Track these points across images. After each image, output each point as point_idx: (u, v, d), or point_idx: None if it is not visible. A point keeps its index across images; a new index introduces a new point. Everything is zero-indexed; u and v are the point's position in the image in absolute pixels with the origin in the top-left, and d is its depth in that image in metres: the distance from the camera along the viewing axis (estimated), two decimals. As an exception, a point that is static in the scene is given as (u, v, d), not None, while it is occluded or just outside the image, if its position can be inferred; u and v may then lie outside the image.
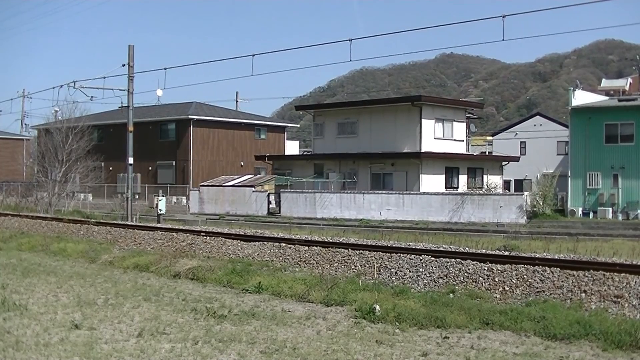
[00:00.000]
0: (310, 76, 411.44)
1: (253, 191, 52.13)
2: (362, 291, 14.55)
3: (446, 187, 49.94)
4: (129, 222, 33.61)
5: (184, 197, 59.27)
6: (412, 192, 46.69)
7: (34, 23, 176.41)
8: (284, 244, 20.67)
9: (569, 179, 47.44)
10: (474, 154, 60.16)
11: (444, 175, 50.48)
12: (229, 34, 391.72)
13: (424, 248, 18.47)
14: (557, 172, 53.91)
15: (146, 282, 17.42)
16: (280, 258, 19.54)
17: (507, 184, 62.15)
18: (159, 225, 30.76)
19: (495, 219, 42.04)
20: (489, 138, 79.89)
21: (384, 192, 47.69)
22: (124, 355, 10.11)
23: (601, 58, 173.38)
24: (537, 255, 16.79)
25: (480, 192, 47.98)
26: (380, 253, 17.83)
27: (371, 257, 17.69)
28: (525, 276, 14.55)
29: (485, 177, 53.46)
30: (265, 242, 21.36)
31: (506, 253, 18.16)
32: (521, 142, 67.45)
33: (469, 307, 12.87)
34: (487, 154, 68.22)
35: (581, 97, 49.14)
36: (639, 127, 44.96)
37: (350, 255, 18.20)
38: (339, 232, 31.41)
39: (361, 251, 18.35)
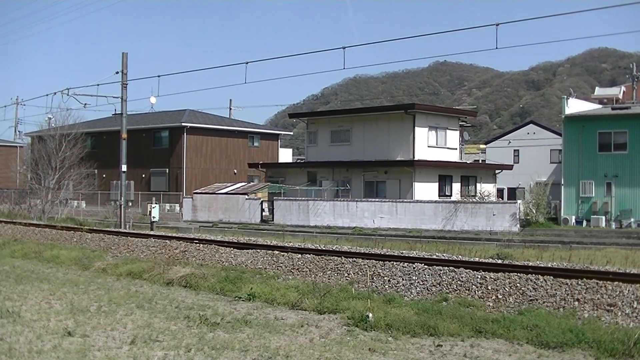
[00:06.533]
0: (303, 84, 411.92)
1: (246, 199, 52.11)
2: (355, 299, 14.55)
3: (439, 195, 49.97)
4: (122, 230, 33.58)
5: (177, 205, 59.18)
6: (405, 200, 46.72)
7: (28, 30, 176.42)
8: (277, 252, 20.68)
9: (562, 187, 47.49)
10: (467, 162, 60.22)
11: (437, 184, 50.51)
12: (222, 42, 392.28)
13: (417, 256, 18.48)
14: (551, 180, 54.02)
15: (139, 289, 17.39)
16: (273, 266, 19.54)
17: (500, 192, 62.25)
18: (152, 232, 30.72)
19: (489, 227, 42.09)
20: (482, 146, 79.97)
21: (377, 200, 47.72)
22: (117, 362, 10.10)
23: (594, 66, 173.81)
24: (530, 264, 16.81)
25: (474, 200, 48.01)
26: (374, 261, 17.84)
27: (364, 265, 17.70)
28: (518, 284, 14.58)
29: (478, 185, 53.54)
30: (258, 250, 21.37)
31: (499, 261, 18.18)
32: (514, 150, 67.52)
33: (462, 315, 12.88)
34: (480, 162, 68.31)
35: (574, 106, 49.25)
36: (632, 136, 45.07)
37: (343, 263, 18.21)
38: (332, 240, 31.41)
39: (354, 259, 18.36)
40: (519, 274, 15.02)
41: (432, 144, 51.60)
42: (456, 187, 52.03)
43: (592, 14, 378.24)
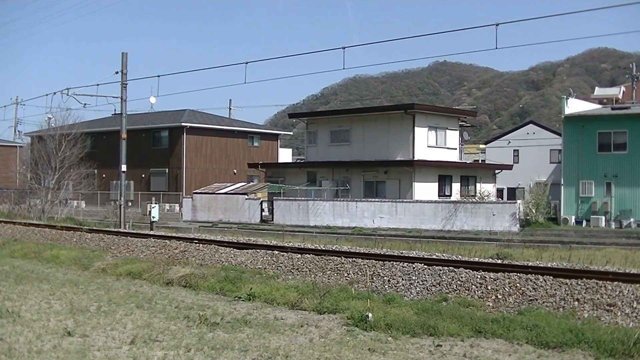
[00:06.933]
0: (303, 84, 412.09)
1: (246, 199, 52.10)
2: (355, 299, 14.55)
3: (439, 195, 49.96)
4: (121, 230, 33.57)
5: (177, 205, 59.17)
6: (405, 200, 46.70)
7: (27, 30, 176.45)
8: (276, 252, 20.68)
9: (562, 187, 47.50)
10: (467, 162, 60.22)
11: (437, 184, 50.50)
12: (222, 42, 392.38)
13: (416, 256, 18.48)
14: (550, 180, 54.03)
15: (139, 289, 17.39)
16: (273, 266, 19.54)
17: (500, 192, 62.21)
18: (151, 232, 30.72)
19: (488, 227, 42.08)
20: (482, 146, 79.94)
21: (377, 200, 47.71)
22: (117, 362, 10.10)
23: (594, 66, 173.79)
24: (530, 264, 16.81)
25: (473, 200, 48.00)
26: (373, 261, 17.84)
27: (364, 265, 17.70)
28: (517, 284, 14.58)
29: (478, 185, 53.54)
30: (258, 250, 21.37)
31: (499, 261, 18.18)
32: (514, 150, 67.51)
33: (462, 315, 12.88)
34: (480, 162, 68.30)
35: (574, 106, 49.25)
36: (632, 136, 45.07)
37: (343, 263, 18.21)
38: (332, 240, 31.41)
39: (354, 259, 18.36)
40: (518, 274, 15.02)
41: (432, 144, 51.61)
42: (456, 187, 52.03)
43: (592, 14, 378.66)
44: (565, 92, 54.63)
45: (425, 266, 16.69)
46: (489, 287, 14.77)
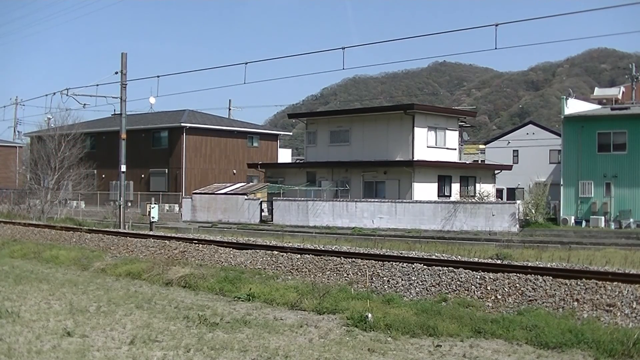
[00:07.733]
0: (303, 84, 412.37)
1: (245, 199, 52.10)
2: (355, 299, 14.54)
3: (439, 196, 49.96)
4: (121, 230, 33.57)
5: (177, 205, 59.21)
6: (404, 201, 46.70)
7: (27, 31, 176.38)
8: (276, 252, 20.67)
9: (562, 187, 47.51)
10: (467, 162, 60.25)
11: (436, 184, 50.51)
12: (221, 42, 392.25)
13: (416, 256, 18.47)
14: (550, 180, 54.04)
15: (138, 289, 17.38)
16: (273, 266, 19.53)
17: (499, 192, 62.24)
18: (151, 232, 30.72)
19: (488, 228, 42.06)
20: (481, 146, 79.97)
21: (376, 200, 47.70)
22: (116, 363, 10.09)
23: (594, 67, 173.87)
24: (530, 264, 16.81)
25: (473, 200, 47.99)
26: (373, 261, 17.84)
27: (363, 265, 17.69)
28: (517, 285, 14.57)
29: (477, 185, 53.54)
30: (257, 250, 21.36)
31: (498, 261, 18.18)
32: (514, 150, 67.52)
33: (461, 315, 12.87)
34: (479, 162, 68.29)
35: (574, 106, 49.26)
36: (632, 136, 45.08)
37: (342, 264, 18.20)
38: (332, 240, 31.39)
39: (353, 259, 18.35)
40: (518, 274, 15.02)
41: (432, 144, 51.61)
42: (455, 187, 52.04)
43: (592, 14, 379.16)
44: (565, 93, 54.66)
45: (425, 266, 16.68)
46: (489, 288, 14.77)
